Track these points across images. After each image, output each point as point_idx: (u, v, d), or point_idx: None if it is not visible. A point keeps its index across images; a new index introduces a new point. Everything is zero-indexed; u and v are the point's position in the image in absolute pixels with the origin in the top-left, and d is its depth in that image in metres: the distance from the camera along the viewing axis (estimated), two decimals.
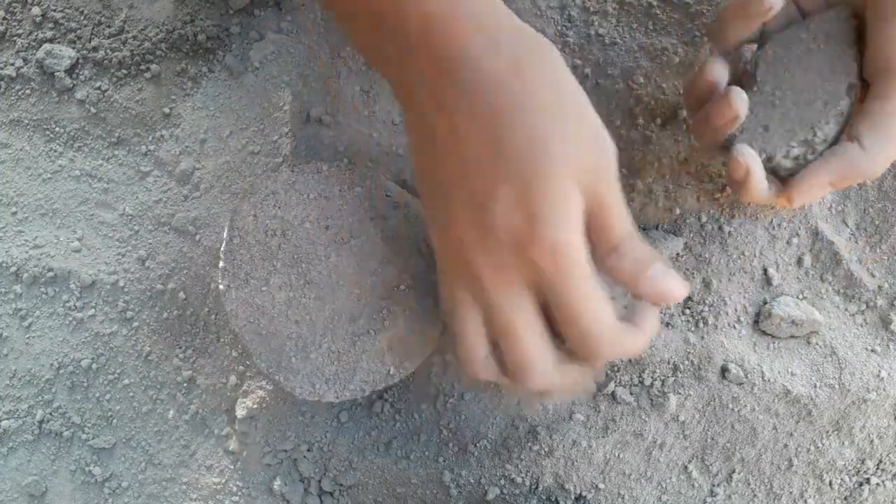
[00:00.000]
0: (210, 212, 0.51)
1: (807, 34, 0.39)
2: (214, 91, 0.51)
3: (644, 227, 0.47)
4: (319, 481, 0.51)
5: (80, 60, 0.53)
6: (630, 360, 0.48)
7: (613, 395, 0.48)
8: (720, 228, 0.48)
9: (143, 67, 0.52)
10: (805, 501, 0.49)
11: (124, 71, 0.52)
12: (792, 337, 0.48)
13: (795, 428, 0.48)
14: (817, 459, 0.48)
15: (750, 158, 0.37)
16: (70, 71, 0.53)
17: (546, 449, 0.49)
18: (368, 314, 0.43)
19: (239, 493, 0.52)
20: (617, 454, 0.49)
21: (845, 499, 0.49)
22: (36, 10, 0.52)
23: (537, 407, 0.48)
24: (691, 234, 0.48)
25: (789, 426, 0.48)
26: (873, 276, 0.48)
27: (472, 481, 0.50)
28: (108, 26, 0.52)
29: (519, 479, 0.49)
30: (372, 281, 0.43)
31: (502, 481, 0.50)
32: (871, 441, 0.48)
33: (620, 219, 0.32)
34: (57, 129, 0.53)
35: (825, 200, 0.48)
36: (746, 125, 0.40)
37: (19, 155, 0.54)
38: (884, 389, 0.47)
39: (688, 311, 0.48)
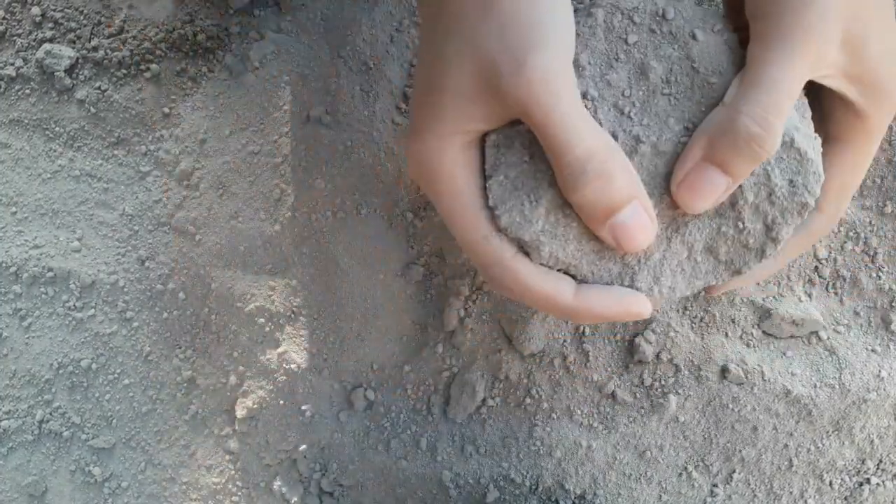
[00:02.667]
0: (210, 212, 0.51)
1: None
2: (214, 91, 0.51)
3: None
4: (319, 481, 0.51)
5: (80, 60, 0.53)
6: (630, 361, 0.48)
7: (613, 395, 0.48)
8: None
9: (142, 67, 0.52)
10: (805, 501, 0.49)
11: (124, 71, 0.52)
12: (792, 337, 0.48)
13: (795, 428, 0.48)
14: (817, 459, 0.48)
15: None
16: (70, 71, 0.53)
17: (546, 449, 0.49)
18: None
19: (239, 493, 0.52)
20: (617, 454, 0.49)
21: (845, 499, 0.49)
22: (36, 10, 0.52)
23: None
24: None
25: (789, 426, 0.48)
26: (873, 276, 0.48)
27: (472, 481, 0.50)
28: (108, 26, 0.52)
29: (519, 479, 0.49)
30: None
31: (502, 481, 0.49)
32: (872, 441, 0.48)
33: (566, 131, 0.27)
34: (57, 128, 0.53)
35: None
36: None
37: (19, 155, 0.54)
38: (884, 389, 0.47)
39: (688, 312, 0.48)
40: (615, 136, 0.30)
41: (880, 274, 0.47)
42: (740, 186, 0.30)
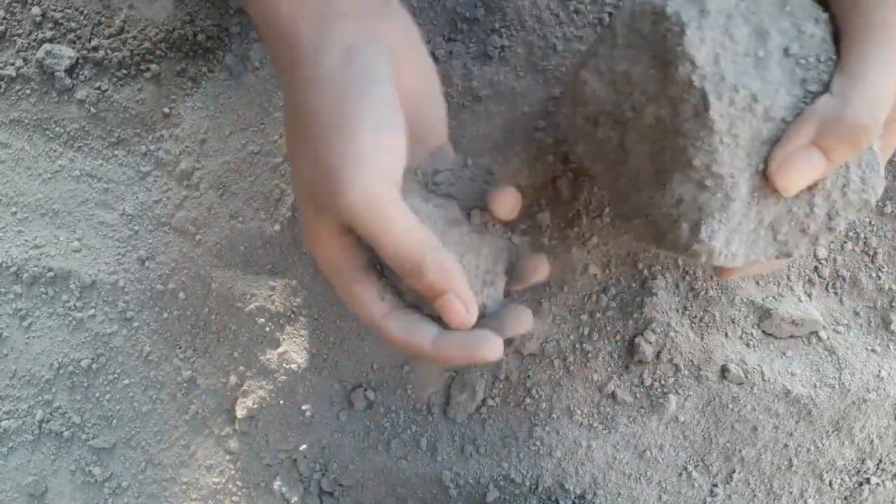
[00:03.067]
0: (210, 212, 0.51)
1: None
2: (214, 91, 0.51)
3: None
4: (319, 481, 0.51)
5: (80, 60, 0.53)
6: (630, 361, 0.48)
7: (613, 394, 0.48)
8: None
9: (142, 67, 0.52)
10: (805, 501, 0.49)
11: (124, 71, 0.52)
12: (792, 337, 0.48)
13: (795, 428, 0.48)
14: (817, 459, 0.48)
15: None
16: (70, 71, 0.53)
17: (546, 449, 0.49)
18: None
19: (239, 493, 0.52)
20: (617, 454, 0.49)
21: (845, 499, 0.49)
22: (36, 10, 0.52)
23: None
24: None
25: (789, 426, 0.48)
26: (873, 276, 0.48)
27: (472, 481, 0.50)
28: (108, 26, 0.52)
29: (519, 479, 0.49)
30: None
31: (502, 481, 0.50)
32: (871, 441, 0.48)
33: (382, 243, 0.32)
34: (57, 129, 0.54)
35: None
36: None
37: (19, 155, 0.54)
38: (884, 389, 0.47)
39: (688, 311, 0.48)
40: (735, 89, 0.30)
41: (880, 274, 0.47)
42: None
